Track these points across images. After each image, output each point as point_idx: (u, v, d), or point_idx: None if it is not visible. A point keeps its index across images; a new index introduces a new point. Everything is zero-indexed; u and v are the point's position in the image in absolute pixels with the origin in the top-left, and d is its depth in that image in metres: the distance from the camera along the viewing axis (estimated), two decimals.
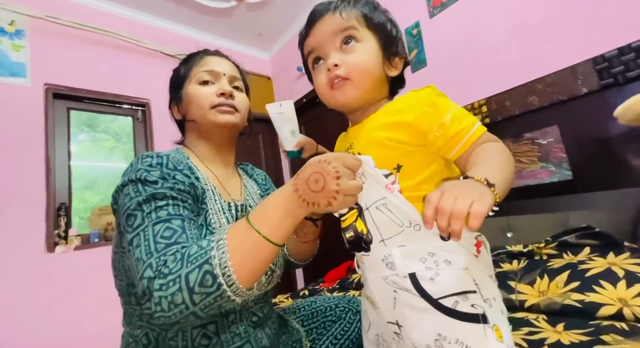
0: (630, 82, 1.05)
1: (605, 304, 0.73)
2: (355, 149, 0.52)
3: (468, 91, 1.50)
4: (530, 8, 1.31)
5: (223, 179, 0.66)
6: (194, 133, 0.67)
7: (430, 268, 0.43)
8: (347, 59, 0.50)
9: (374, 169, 0.46)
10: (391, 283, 0.46)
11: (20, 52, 1.71)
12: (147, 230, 0.46)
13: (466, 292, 0.42)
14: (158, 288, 0.41)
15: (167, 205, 0.49)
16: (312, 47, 0.54)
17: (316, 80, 0.54)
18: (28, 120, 1.68)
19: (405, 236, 0.45)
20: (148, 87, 2.14)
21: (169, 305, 0.40)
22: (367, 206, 0.47)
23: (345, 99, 0.52)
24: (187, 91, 0.65)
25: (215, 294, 0.41)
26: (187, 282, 0.40)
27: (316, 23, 0.53)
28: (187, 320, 0.42)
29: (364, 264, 0.51)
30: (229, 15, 2.38)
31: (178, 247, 0.44)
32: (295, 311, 0.78)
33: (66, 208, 1.74)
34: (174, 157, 0.57)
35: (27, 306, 1.50)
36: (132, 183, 0.51)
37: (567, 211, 1.15)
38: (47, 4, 1.82)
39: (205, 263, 0.41)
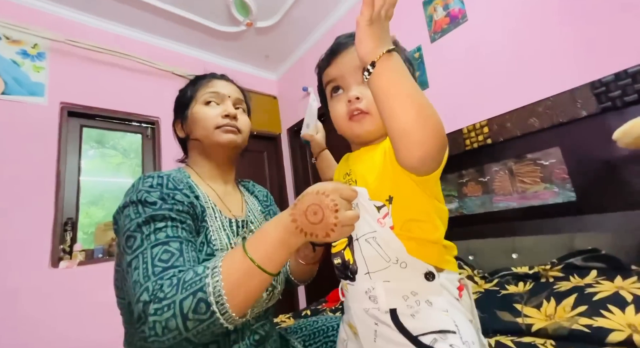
0: (628, 106, 1.07)
1: (614, 330, 0.72)
2: (353, 176, 0.53)
3: (469, 112, 1.53)
4: (530, 33, 1.36)
5: (223, 196, 0.67)
6: (196, 151, 0.69)
7: (410, 307, 0.44)
8: (368, 94, 0.49)
9: (367, 202, 0.47)
10: (372, 316, 0.46)
11: (40, 73, 1.80)
12: (145, 253, 0.47)
13: (446, 331, 0.42)
14: (153, 312, 0.41)
15: (165, 227, 0.50)
16: (333, 77, 0.55)
17: (333, 108, 0.56)
18: (43, 137, 1.74)
19: (390, 272, 0.45)
20: (158, 106, 2.22)
21: (163, 330, 0.40)
22: (357, 237, 0.48)
23: (362, 132, 0.53)
24: (193, 111, 0.67)
25: (208, 321, 0.41)
26: (181, 309, 0.40)
27: (340, 54, 0.54)
28: (180, 345, 0.42)
29: (348, 293, 0.52)
30: (238, 39, 2.49)
31: (175, 271, 0.45)
32: (297, 331, 0.77)
33: (73, 223, 1.76)
34: (175, 177, 0.59)
35: (30, 320, 1.49)
36: (132, 204, 0.52)
37: (572, 233, 1.14)
38: (68, 29, 1.93)
39: (200, 291, 0.41)
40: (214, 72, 0.74)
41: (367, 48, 0.40)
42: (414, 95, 0.38)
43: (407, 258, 0.45)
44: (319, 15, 2.35)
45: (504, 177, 1.40)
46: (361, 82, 0.52)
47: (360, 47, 0.41)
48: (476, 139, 1.48)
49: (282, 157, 2.94)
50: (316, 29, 2.51)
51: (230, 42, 2.52)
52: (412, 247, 0.45)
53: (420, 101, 0.38)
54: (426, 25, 1.77)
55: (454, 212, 1.56)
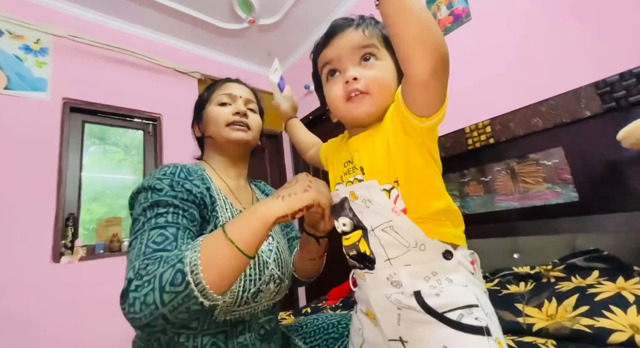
0: (632, 106, 1.06)
1: (616, 330, 0.71)
2: (357, 163, 0.53)
3: (472, 112, 1.52)
4: (534, 32, 1.35)
5: (235, 189, 0.71)
6: (210, 147, 0.74)
7: (433, 287, 0.45)
8: (366, 74, 0.50)
9: (379, 193, 0.48)
10: (395, 302, 0.47)
11: (43, 68, 1.80)
12: (143, 235, 0.49)
13: (470, 306, 0.43)
14: (133, 289, 0.42)
15: (167, 213, 0.52)
16: (329, 59, 0.53)
17: (330, 91, 0.54)
18: (45, 132, 1.74)
19: (410, 256, 0.47)
20: (161, 102, 2.22)
21: (141, 306, 0.41)
22: (372, 228, 0.49)
23: (360, 113, 0.51)
24: (207, 111, 0.72)
25: (183, 293, 0.41)
26: (160, 281, 0.41)
27: (336, 36, 0.52)
28: (156, 322, 0.42)
29: (366, 282, 0.52)
30: (241, 36, 2.49)
31: (163, 253, 0.46)
32: (298, 329, 0.78)
33: (74, 219, 1.76)
34: (190, 168, 0.62)
35: (31, 315, 1.49)
36: (144, 190, 0.56)
37: (574, 233, 1.13)
38: (71, 24, 1.93)
39: (179, 263, 0.42)
40: (229, 77, 0.80)
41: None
42: (423, 8, 0.39)
43: (426, 240, 0.46)
44: (321, 12, 2.35)
45: (506, 177, 1.39)
46: (358, 63, 0.51)
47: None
48: (478, 139, 1.47)
49: (284, 154, 2.94)
50: (319, 26, 2.50)
51: (232, 40, 2.52)
52: (429, 229, 0.47)
53: (428, 14, 0.39)
54: None
55: None
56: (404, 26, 0.38)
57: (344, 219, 0.53)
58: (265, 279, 0.60)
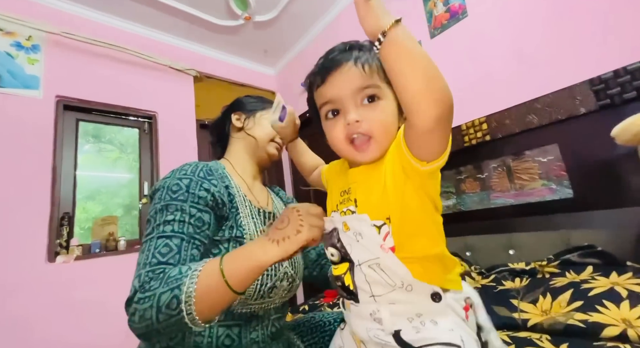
0: (627, 103, 1.07)
1: (609, 325, 0.72)
2: (353, 195, 0.52)
3: (468, 109, 1.53)
4: (529, 30, 1.35)
5: (252, 188, 0.76)
6: (242, 145, 0.80)
7: (415, 328, 0.44)
8: (368, 116, 0.48)
9: (369, 227, 0.47)
10: (373, 337, 0.47)
11: (35, 65, 1.77)
12: (151, 242, 0.53)
13: (451, 345, 0.42)
14: (137, 301, 0.47)
15: (173, 221, 0.55)
16: (329, 98, 0.51)
17: (331, 131, 0.52)
18: (38, 131, 1.72)
19: (396, 295, 0.46)
20: (156, 100, 2.20)
21: (140, 319, 0.46)
22: (359, 263, 0.48)
23: (365, 159, 0.50)
24: (262, 118, 0.81)
25: (175, 318, 0.45)
26: (158, 301, 0.45)
27: (334, 72, 0.50)
28: (150, 334, 0.47)
29: (351, 312, 0.52)
30: (237, 33, 2.47)
31: (167, 267, 0.50)
32: (295, 327, 0.78)
33: (69, 218, 1.75)
34: (212, 167, 0.66)
35: (26, 316, 1.48)
36: (162, 189, 0.59)
37: (568, 229, 1.14)
38: (63, 21, 1.90)
39: (177, 289, 0.45)
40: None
41: (373, 21, 0.39)
42: (426, 56, 0.39)
43: (413, 281, 0.45)
44: (317, 9, 2.33)
45: (501, 174, 1.40)
46: (360, 104, 0.49)
47: (365, 22, 0.40)
48: (475, 136, 1.48)
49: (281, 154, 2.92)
50: (315, 23, 2.49)
51: (228, 36, 2.50)
52: (417, 270, 0.45)
53: (432, 63, 0.39)
54: (426, 21, 1.76)
55: (452, 208, 1.57)
56: (408, 77, 0.38)
57: (332, 250, 0.52)
58: (279, 275, 0.63)
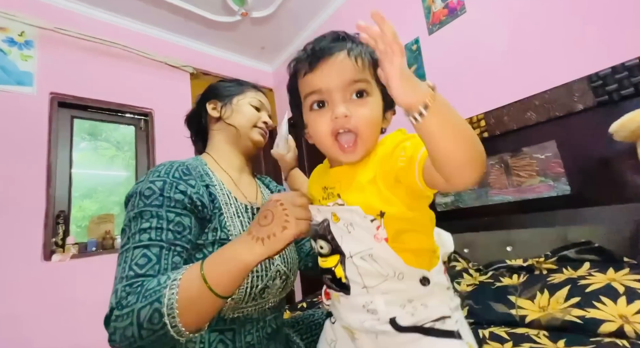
0: (625, 99, 1.07)
1: (606, 321, 0.73)
2: (336, 190, 0.51)
3: (466, 106, 1.52)
4: (527, 26, 1.35)
5: (238, 182, 0.71)
6: (223, 136, 0.74)
7: (409, 312, 0.46)
8: (357, 112, 0.47)
9: (362, 218, 0.46)
10: (369, 327, 0.47)
11: (28, 61, 1.74)
12: (128, 253, 0.49)
13: (443, 318, 0.46)
14: (114, 319, 0.44)
15: (150, 229, 0.50)
16: (318, 88, 0.48)
17: (315, 123, 0.50)
18: (32, 128, 1.70)
19: (388, 285, 0.46)
20: (152, 97, 2.17)
21: (121, 337, 0.43)
22: (351, 255, 0.47)
23: (352, 161, 0.49)
24: (240, 103, 0.74)
25: (160, 332, 0.42)
26: (138, 317, 0.42)
27: (325, 60, 0.47)
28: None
29: (341, 304, 0.51)
30: (234, 29, 2.44)
31: (145, 279, 0.46)
32: (294, 325, 0.78)
33: (65, 216, 1.73)
34: (189, 165, 0.61)
35: (22, 315, 1.47)
36: (134, 195, 0.54)
37: (566, 226, 1.15)
38: (56, 16, 1.87)
39: (156, 301, 0.42)
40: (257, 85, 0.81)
41: (411, 92, 0.35)
42: (465, 123, 0.37)
43: (404, 269, 0.45)
44: (315, 5, 2.31)
45: (500, 171, 1.40)
46: (348, 98, 0.48)
47: (402, 94, 0.35)
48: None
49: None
50: (313, 20, 2.47)
51: (225, 33, 2.47)
52: (408, 258, 0.46)
53: (470, 128, 0.37)
54: (424, 17, 1.75)
55: (450, 205, 1.57)
56: (453, 148, 0.35)
57: (322, 242, 0.51)
58: (271, 275, 0.60)
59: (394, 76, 0.34)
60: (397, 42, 0.34)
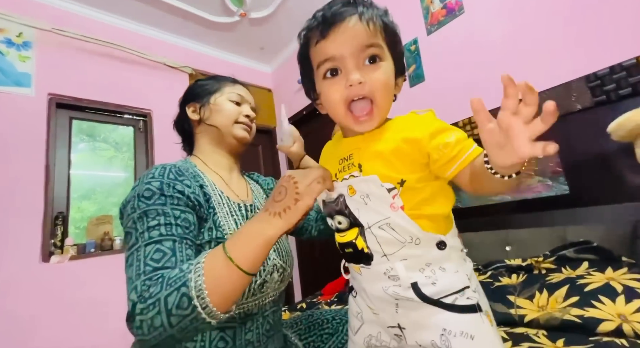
0: (622, 99, 1.08)
1: (604, 320, 0.73)
2: (356, 160, 0.51)
3: (465, 105, 1.52)
4: (525, 26, 1.35)
5: (229, 181, 0.71)
6: (207, 138, 0.72)
7: (428, 277, 0.47)
8: (371, 78, 0.47)
9: (379, 188, 0.47)
10: (392, 294, 0.48)
11: (27, 62, 1.74)
12: (139, 251, 0.48)
13: (463, 289, 0.47)
14: (139, 312, 0.42)
15: (158, 225, 0.50)
16: (330, 55, 0.47)
17: (329, 92, 0.49)
18: (31, 129, 1.70)
19: (406, 250, 0.48)
20: (151, 98, 2.17)
21: (149, 328, 0.41)
22: (369, 225, 0.49)
23: (370, 128, 0.50)
24: (218, 101, 0.72)
25: (190, 316, 0.41)
26: (165, 305, 0.41)
27: (337, 26, 0.46)
28: (166, 342, 0.43)
29: (362, 275, 0.52)
30: (233, 30, 2.44)
31: (164, 272, 0.45)
32: (293, 325, 0.78)
33: (63, 217, 1.73)
34: (180, 166, 0.61)
35: (20, 317, 1.46)
36: (133, 199, 0.53)
37: (564, 225, 1.15)
38: (54, 17, 1.87)
39: (183, 286, 0.42)
40: (235, 78, 0.80)
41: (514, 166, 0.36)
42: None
43: (421, 234, 0.47)
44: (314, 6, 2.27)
45: None
46: (362, 64, 0.47)
47: (505, 166, 0.36)
48: (472, 133, 1.48)
49: (277, 150, 2.92)
50: None
51: (223, 33, 2.47)
52: (425, 224, 0.47)
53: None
54: (423, 17, 1.75)
55: None
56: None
57: (340, 217, 0.52)
58: (268, 270, 0.60)
59: (525, 139, 0.32)
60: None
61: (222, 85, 0.74)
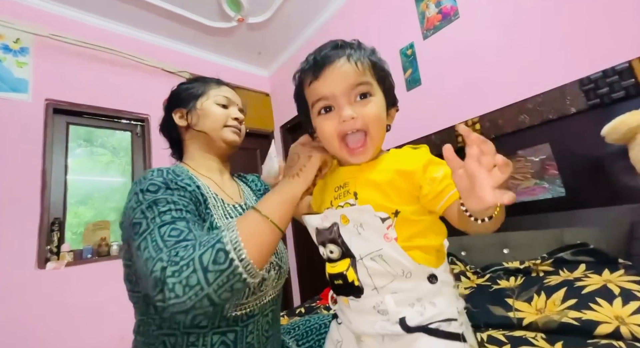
0: (616, 102, 1.09)
1: (602, 322, 0.73)
2: (352, 188, 0.52)
3: (462, 109, 1.54)
4: (520, 31, 1.37)
5: (222, 185, 0.71)
6: (196, 144, 0.72)
7: (418, 312, 0.47)
8: (362, 112, 0.50)
9: (373, 218, 0.47)
10: (379, 329, 0.47)
11: (24, 68, 1.74)
12: (153, 233, 0.47)
13: (449, 319, 0.46)
14: (170, 274, 0.41)
15: (169, 210, 0.50)
16: (323, 95, 0.51)
17: (324, 128, 0.52)
18: (27, 135, 1.69)
19: (396, 284, 0.47)
20: (148, 103, 2.17)
21: (184, 289, 0.40)
22: (361, 257, 0.48)
23: (364, 160, 0.52)
24: (204, 106, 0.71)
25: (228, 271, 0.42)
26: (200, 262, 0.41)
27: (327, 68, 0.50)
28: (202, 304, 0.41)
29: (350, 308, 0.52)
30: (230, 35, 2.46)
31: (188, 242, 0.45)
32: (290, 331, 0.77)
33: (60, 223, 1.72)
34: (175, 170, 0.61)
35: (16, 324, 1.45)
36: (135, 195, 0.53)
37: (561, 227, 1.15)
38: (51, 23, 1.87)
39: (217, 243, 0.43)
40: (220, 79, 0.79)
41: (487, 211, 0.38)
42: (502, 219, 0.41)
43: (413, 267, 0.47)
44: (311, 11, 2.33)
45: None
46: (353, 101, 0.50)
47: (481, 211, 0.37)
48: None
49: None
50: (309, 25, 2.49)
51: (221, 38, 2.48)
52: (417, 255, 0.47)
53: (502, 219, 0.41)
54: (419, 22, 1.77)
55: None
56: (485, 232, 0.41)
57: (332, 246, 0.52)
58: (265, 267, 0.60)
59: (488, 187, 0.33)
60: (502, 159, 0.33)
61: (208, 88, 0.73)
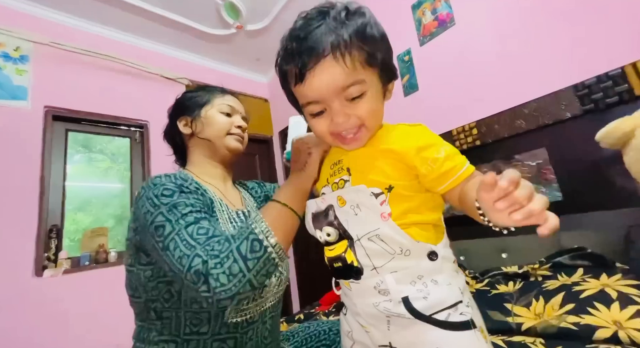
0: (610, 108, 1.10)
1: (600, 327, 0.73)
2: (345, 164, 0.53)
3: (458, 114, 1.55)
4: (515, 37, 1.39)
5: (225, 192, 0.72)
6: (199, 150, 0.73)
7: (420, 290, 0.46)
8: (356, 111, 0.47)
9: (369, 197, 0.47)
10: (383, 310, 0.46)
11: (23, 76, 1.75)
12: (181, 233, 0.49)
13: (456, 304, 0.45)
14: (213, 266, 0.45)
15: (190, 212, 0.52)
16: (312, 99, 0.47)
17: (316, 128, 0.51)
18: (26, 142, 1.69)
19: (395, 262, 0.46)
20: (147, 109, 2.18)
21: (228, 277, 0.45)
22: (358, 237, 0.48)
23: (358, 147, 0.52)
24: (209, 114, 0.73)
25: (263, 257, 0.48)
26: (239, 252, 0.47)
27: (313, 69, 0.44)
28: (245, 289, 0.46)
29: (352, 290, 0.51)
30: (229, 41, 2.48)
31: (219, 237, 0.49)
32: (290, 338, 0.77)
33: (58, 230, 1.71)
34: (180, 175, 0.62)
35: (12, 332, 1.43)
36: (149, 200, 0.54)
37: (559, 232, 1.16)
38: (51, 31, 1.89)
39: (251, 234, 0.49)
40: (224, 88, 0.81)
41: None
42: None
43: (411, 245, 0.46)
44: None
45: None
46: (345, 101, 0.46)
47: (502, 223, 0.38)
48: (465, 141, 1.50)
49: (274, 160, 2.93)
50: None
51: (220, 45, 2.51)
52: (415, 232, 0.47)
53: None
54: (415, 29, 1.80)
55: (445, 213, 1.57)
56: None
57: (329, 229, 0.51)
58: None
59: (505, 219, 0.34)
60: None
61: (212, 97, 0.75)
